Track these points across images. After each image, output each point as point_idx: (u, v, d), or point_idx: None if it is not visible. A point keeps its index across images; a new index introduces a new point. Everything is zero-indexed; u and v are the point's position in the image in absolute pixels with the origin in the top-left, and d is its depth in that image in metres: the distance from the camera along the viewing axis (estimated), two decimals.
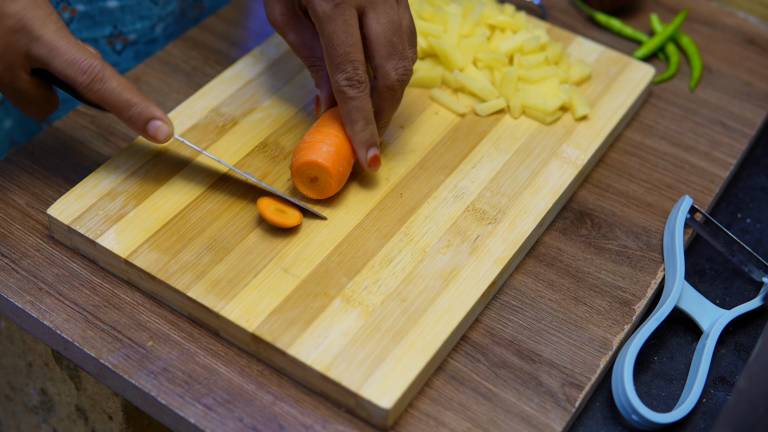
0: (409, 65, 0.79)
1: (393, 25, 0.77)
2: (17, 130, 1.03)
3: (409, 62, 0.79)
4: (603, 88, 0.93)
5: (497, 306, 0.78)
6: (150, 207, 0.79)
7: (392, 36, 0.77)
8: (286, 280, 0.75)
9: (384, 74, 0.78)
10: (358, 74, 0.77)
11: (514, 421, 0.71)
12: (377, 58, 0.78)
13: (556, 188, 0.83)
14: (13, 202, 0.83)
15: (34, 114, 0.80)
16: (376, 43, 0.77)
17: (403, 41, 0.78)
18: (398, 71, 0.78)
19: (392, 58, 0.78)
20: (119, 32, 1.00)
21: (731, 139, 0.93)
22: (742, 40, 1.05)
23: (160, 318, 0.76)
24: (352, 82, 0.77)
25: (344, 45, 0.76)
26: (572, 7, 1.07)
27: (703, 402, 0.76)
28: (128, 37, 1.01)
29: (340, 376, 0.69)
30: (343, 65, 0.77)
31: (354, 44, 0.77)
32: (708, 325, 0.79)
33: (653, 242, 0.83)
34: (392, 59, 0.78)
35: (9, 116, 1.02)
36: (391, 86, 0.79)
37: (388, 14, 0.78)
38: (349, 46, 0.77)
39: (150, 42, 1.03)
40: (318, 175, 0.78)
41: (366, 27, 0.78)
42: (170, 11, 1.03)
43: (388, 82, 0.78)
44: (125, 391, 0.73)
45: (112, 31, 0.99)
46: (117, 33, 1.00)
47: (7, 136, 1.03)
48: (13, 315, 0.77)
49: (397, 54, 0.78)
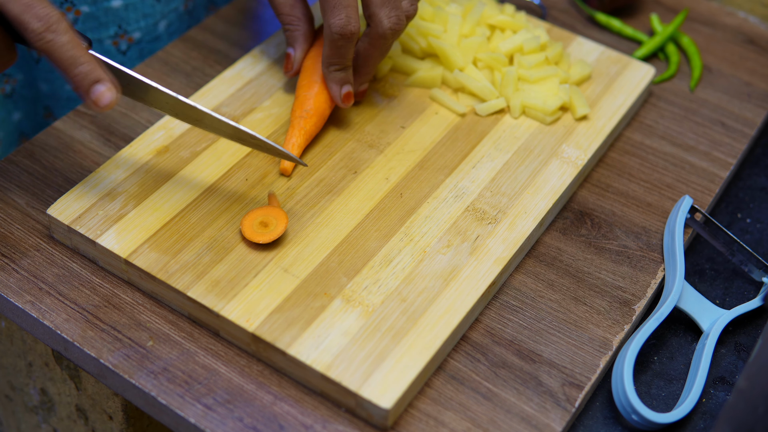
0: (402, 15, 0.81)
1: None
2: (26, 123, 1.03)
3: (401, 12, 0.81)
4: (603, 88, 0.93)
5: (497, 306, 0.78)
6: (150, 207, 0.79)
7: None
8: (286, 280, 0.75)
9: (377, 21, 0.81)
10: (351, 23, 0.80)
11: (514, 421, 0.71)
12: (371, 6, 0.80)
13: (556, 188, 0.83)
14: (13, 202, 0.83)
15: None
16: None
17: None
18: (391, 20, 0.80)
19: (385, 6, 0.80)
20: (124, 31, 1.00)
21: (731, 139, 0.93)
22: (743, 40, 1.05)
23: (160, 318, 0.76)
24: (344, 32, 0.80)
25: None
26: (572, 7, 1.07)
27: (703, 402, 0.76)
28: (132, 36, 1.01)
29: (340, 376, 0.69)
30: (337, 9, 0.80)
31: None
32: (708, 325, 0.79)
33: (653, 242, 0.83)
34: (385, 7, 0.80)
35: (18, 109, 1.02)
36: (383, 34, 0.81)
37: None
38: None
39: (154, 40, 1.03)
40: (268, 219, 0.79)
41: None
42: (173, 8, 1.03)
43: (381, 30, 0.81)
44: (125, 391, 0.73)
45: (116, 30, 0.99)
46: (122, 33, 1.00)
47: (16, 128, 1.03)
48: (13, 315, 0.77)
49: (389, 2, 0.80)
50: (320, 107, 0.85)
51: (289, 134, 0.84)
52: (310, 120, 0.84)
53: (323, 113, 0.85)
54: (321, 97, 0.85)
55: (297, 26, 0.86)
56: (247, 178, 0.82)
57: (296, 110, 0.85)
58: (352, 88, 0.85)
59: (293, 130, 0.84)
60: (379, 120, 0.88)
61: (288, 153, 0.79)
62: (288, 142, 0.83)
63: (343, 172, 0.84)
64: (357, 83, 0.87)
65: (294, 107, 0.85)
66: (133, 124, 0.90)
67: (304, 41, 0.87)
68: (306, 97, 0.85)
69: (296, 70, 0.88)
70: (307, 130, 0.84)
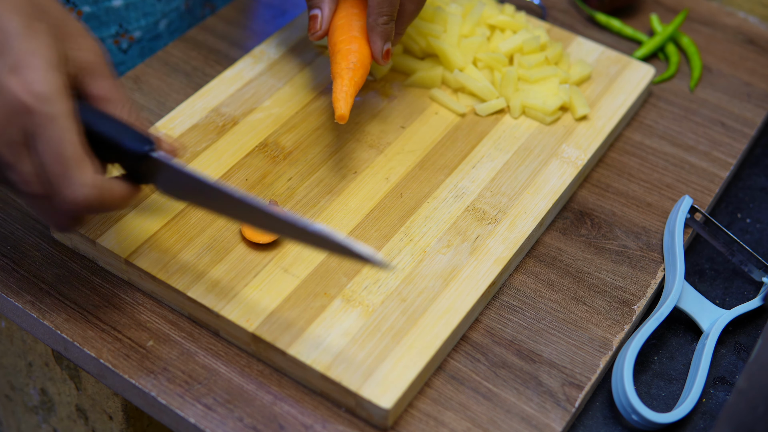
0: None
1: None
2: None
3: None
4: (603, 88, 0.93)
5: (497, 306, 0.78)
6: (150, 207, 0.79)
7: None
8: (286, 280, 0.75)
9: None
10: None
11: (514, 421, 0.71)
12: None
13: (556, 188, 0.83)
14: (13, 202, 0.83)
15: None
16: None
17: None
18: None
19: None
20: (125, 30, 1.00)
21: (731, 139, 0.93)
22: (742, 40, 1.05)
23: (160, 318, 0.76)
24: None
25: None
26: (572, 7, 1.07)
27: (703, 402, 0.76)
28: (133, 35, 1.01)
29: (340, 376, 0.69)
30: None
31: None
32: (708, 325, 0.79)
33: (653, 242, 0.83)
34: None
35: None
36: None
37: None
38: None
39: (154, 38, 1.03)
40: None
41: None
42: (174, 7, 1.03)
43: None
44: (125, 391, 0.73)
45: (117, 30, 0.99)
46: (123, 32, 1.00)
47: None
48: (13, 315, 0.77)
49: None
50: (365, 61, 0.82)
51: (339, 85, 0.80)
52: (357, 71, 0.81)
53: (367, 67, 0.82)
54: (365, 51, 0.82)
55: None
56: (247, 178, 0.82)
57: (341, 62, 0.81)
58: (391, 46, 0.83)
59: (343, 80, 0.80)
60: (379, 120, 0.88)
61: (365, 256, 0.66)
62: (340, 92, 0.80)
63: (343, 172, 0.84)
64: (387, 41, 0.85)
65: (337, 60, 0.82)
66: None
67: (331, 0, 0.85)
68: (350, 50, 0.82)
69: (324, 31, 0.85)
70: (357, 81, 0.81)
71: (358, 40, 0.83)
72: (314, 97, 0.90)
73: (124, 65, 1.02)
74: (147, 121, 0.90)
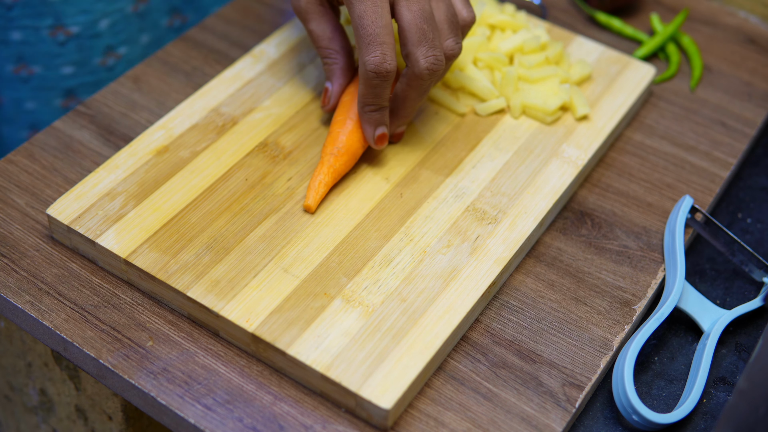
0: (441, 56, 0.78)
1: (424, 13, 0.77)
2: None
3: (439, 52, 0.78)
4: (603, 87, 0.93)
5: (497, 306, 0.78)
6: (150, 207, 0.79)
7: (422, 23, 0.77)
8: (286, 280, 0.75)
9: (414, 61, 0.78)
10: (386, 62, 0.77)
11: (515, 421, 0.71)
12: (408, 45, 0.77)
13: (556, 188, 0.83)
14: (12, 202, 0.83)
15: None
16: (407, 30, 0.77)
17: (435, 30, 0.78)
18: (428, 59, 0.77)
19: (422, 45, 0.77)
20: (61, 24, 0.99)
21: (732, 139, 0.93)
22: (743, 40, 1.05)
23: (160, 318, 0.75)
24: (379, 70, 0.77)
25: (374, 25, 0.76)
26: (572, 6, 1.07)
27: (704, 402, 0.76)
28: (70, 29, 1.00)
29: (340, 376, 0.69)
30: (372, 47, 0.77)
31: (384, 26, 0.76)
32: (708, 326, 0.79)
33: (653, 242, 0.83)
34: (422, 46, 0.77)
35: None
36: (420, 74, 0.78)
37: (419, 3, 0.77)
38: (379, 27, 0.76)
39: (94, 36, 1.02)
40: None
41: (397, 15, 0.78)
42: (117, 8, 1.03)
43: (417, 70, 0.78)
44: (125, 392, 0.73)
45: (53, 22, 0.99)
46: (59, 24, 0.99)
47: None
48: (12, 315, 0.77)
49: (427, 42, 0.77)
50: (353, 146, 0.82)
51: (318, 170, 0.81)
52: (340, 158, 0.81)
53: (355, 152, 0.82)
54: (354, 135, 0.82)
55: (335, 59, 0.84)
56: (247, 178, 0.82)
57: (328, 146, 0.82)
58: (387, 129, 0.82)
59: (322, 167, 0.81)
60: None
61: None
62: (315, 179, 0.80)
63: None
64: (394, 125, 0.84)
65: (326, 143, 0.83)
66: (132, 124, 0.90)
67: (342, 75, 0.84)
68: (338, 134, 0.82)
69: (333, 105, 0.85)
70: (337, 169, 0.81)
71: (353, 122, 0.83)
72: (314, 97, 0.90)
73: (62, 58, 1.02)
74: (146, 121, 0.90)
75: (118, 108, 0.91)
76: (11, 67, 1.02)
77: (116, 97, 0.92)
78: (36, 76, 1.03)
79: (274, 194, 0.81)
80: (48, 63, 1.03)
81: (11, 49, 1.01)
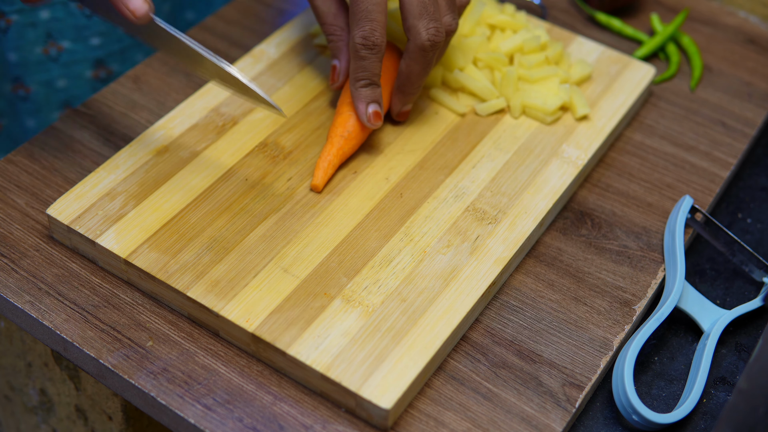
0: (441, 27, 0.79)
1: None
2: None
3: (440, 24, 0.79)
4: (603, 87, 0.93)
5: (497, 306, 0.78)
6: (150, 207, 0.79)
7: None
8: (286, 280, 0.75)
9: (415, 34, 0.79)
10: (375, 35, 0.78)
11: (514, 421, 0.71)
12: (409, 19, 0.79)
13: (556, 188, 0.83)
14: (12, 202, 0.83)
15: None
16: (408, 3, 0.78)
17: (437, 4, 0.79)
18: (429, 31, 0.78)
19: (423, 17, 0.78)
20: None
21: (732, 139, 0.93)
22: (743, 40, 1.05)
23: (160, 318, 0.75)
24: (367, 42, 0.79)
25: (368, 2, 0.78)
26: (572, 6, 1.07)
27: (704, 402, 0.76)
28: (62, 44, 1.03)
29: (340, 376, 0.69)
30: (362, 22, 0.78)
31: (377, 4, 0.78)
32: (708, 326, 0.79)
33: (653, 242, 0.83)
34: (423, 19, 0.78)
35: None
36: (422, 46, 0.79)
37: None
38: (372, 5, 0.78)
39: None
40: None
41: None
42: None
43: (419, 42, 0.79)
44: (125, 392, 0.73)
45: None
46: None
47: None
48: (12, 315, 0.77)
49: (428, 14, 0.78)
50: (362, 130, 0.83)
51: (326, 151, 0.82)
52: (350, 141, 0.82)
53: (363, 136, 0.83)
54: None
55: (340, 36, 0.84)
56: (247, 178, 0.82)
57: (337, 127, 0.82)
58: (381, 108, 0.83)
59: (331, 147, 0.81)
60: None
61: (268, 99, 0.77)
62: (324, 159, 0.81)
63: (343, 172, 0.83)
64: (400, 102, 0.85)
65: (334, 123, 0.83)
66: (132, 124, 0.90)
67: (348, 51, 0.85)
68: (349, 117, 0.83)
69: (342, 82, 0.86)
70: (345, 152, 0.82)
71: None
72: (314, 97, 0.90)
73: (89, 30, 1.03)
74: (146, 121, 0.90)
75: (118, 108, 0.91)
76: (40, 48, 1.03)
77: (116, 97, 0.92)
78: (66, 52, 1.04)
79: (274, 194, 0.81)
80: (76, 36, 1.04)
81: (39, 30, 1.02)
